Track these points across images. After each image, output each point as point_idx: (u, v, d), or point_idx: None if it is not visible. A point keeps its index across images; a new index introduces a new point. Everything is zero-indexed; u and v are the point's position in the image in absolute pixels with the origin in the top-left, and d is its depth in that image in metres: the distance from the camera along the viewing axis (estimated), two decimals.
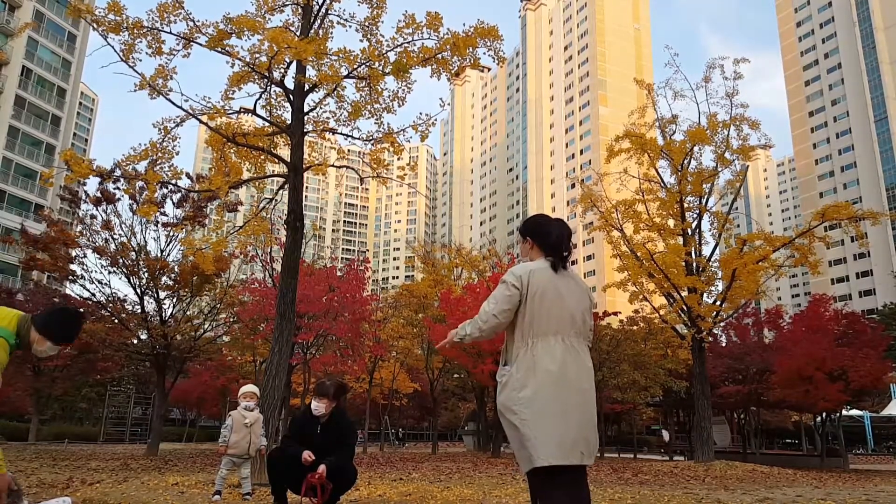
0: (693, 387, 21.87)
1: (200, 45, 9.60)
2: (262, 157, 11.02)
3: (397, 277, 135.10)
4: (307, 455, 4.91)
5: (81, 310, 3.77)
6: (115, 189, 18.12)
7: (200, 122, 9.94)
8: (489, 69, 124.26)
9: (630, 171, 20.72)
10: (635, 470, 15.57)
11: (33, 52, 51.02)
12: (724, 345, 29.33)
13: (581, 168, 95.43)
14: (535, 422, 2.81)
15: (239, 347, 26.58)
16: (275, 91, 10.40)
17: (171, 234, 19.16)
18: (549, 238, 3.12)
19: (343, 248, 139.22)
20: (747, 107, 20.06)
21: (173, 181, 10.42)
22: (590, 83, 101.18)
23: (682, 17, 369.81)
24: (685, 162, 20.20)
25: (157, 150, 9.56)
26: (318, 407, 5.12)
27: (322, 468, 4.81)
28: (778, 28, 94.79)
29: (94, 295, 19.10)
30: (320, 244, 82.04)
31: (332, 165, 11.57)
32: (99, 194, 18.36)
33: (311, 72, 10.11)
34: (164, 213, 18.75)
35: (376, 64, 9.82)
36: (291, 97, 10.29)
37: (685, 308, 19.22)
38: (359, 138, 10.80)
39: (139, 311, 19.13)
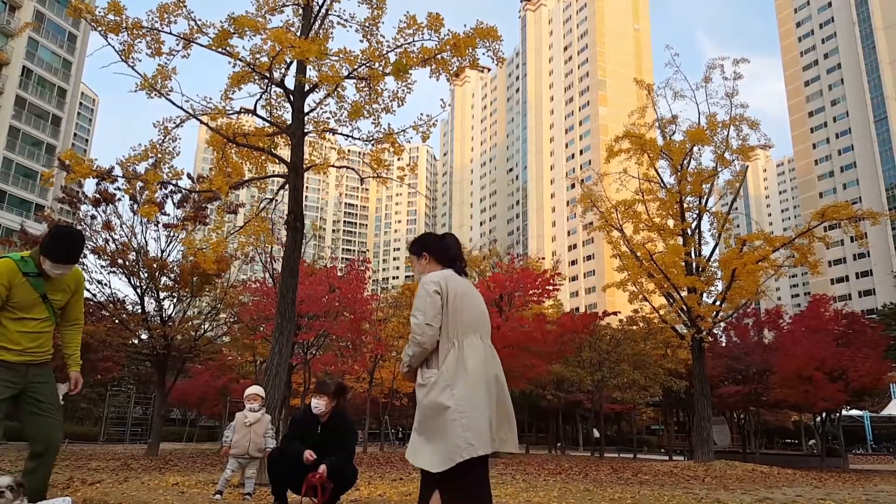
0: (693, 387, 21.89)
1: (201, 45, 9.61)
2: (263, 157, 11.02)
3: (397, 277, 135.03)
4: (308, 454, 4.90)
5: (78, 228, 3.98)
6: (115, 190, 18.13)
7: (201, 122, 9.95)
8: (489, 69, 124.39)
9: (630, 171, 20.75)
10: (635, 470, 15.57)
11: (34, 52, 50.99)
12: (723, 345, 29.32)
13: (581, 168, 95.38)
14: (471, 414, 2.93)
15: (239, 347, 26.57)
16: (275, 91, 10.41)
17: (172, 234, 19.17)
18: (447, 252, 3.37)
19: (343, 248, 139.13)
20: (747, 107, 20.15)
21: (173, 181, 10.43)
22: (590, 83, 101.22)
23: (682, 19, 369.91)
24: (685, 162, 20.23)
25: (158, 150, 9.56)
26: (318, 404, 5.11)
27: (323, 468, 4.80)
28: (777, 28, 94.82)
29: (94, 296, 19.11)
30: (320, 244, 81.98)
31: (333, 165, 11.56)
32: (97, 195, 18.36)
33: (311, 72, 10.11)
34: (164, 214, 18.76)
35: (376, 64, 9.83)
36: (292, 97, 10.29)
37: (685, 308, 19.25)
38: (359, 138, 10.80)
39: (139, 311, 19.15)
